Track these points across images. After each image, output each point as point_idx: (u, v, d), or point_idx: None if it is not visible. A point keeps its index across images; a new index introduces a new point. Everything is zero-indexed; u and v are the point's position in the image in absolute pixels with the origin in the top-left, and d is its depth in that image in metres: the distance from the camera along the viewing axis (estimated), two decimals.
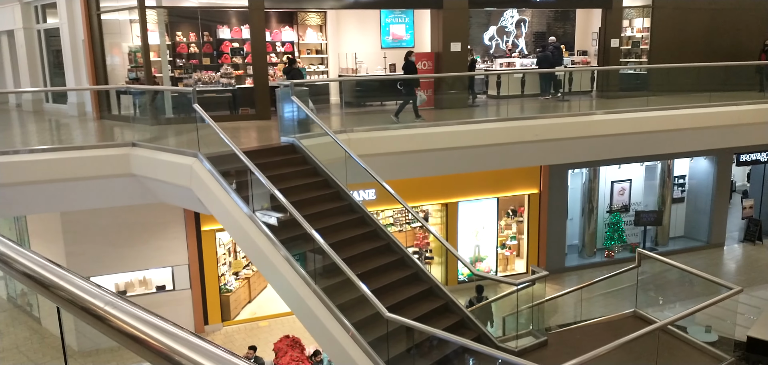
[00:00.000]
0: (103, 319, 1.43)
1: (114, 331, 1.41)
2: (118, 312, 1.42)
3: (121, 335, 1.40)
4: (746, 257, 18.26)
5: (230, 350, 1.33)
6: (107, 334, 1.43)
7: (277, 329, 13.44)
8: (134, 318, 1.39)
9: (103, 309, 1.44)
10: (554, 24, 18.53)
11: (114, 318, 1.41)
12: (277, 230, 7.52)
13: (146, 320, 1.38)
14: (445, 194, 15.52)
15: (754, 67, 15.45)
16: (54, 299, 1.56)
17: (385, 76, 15.95)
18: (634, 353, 6.98)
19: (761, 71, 15.42)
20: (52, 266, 1.59)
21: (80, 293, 1.50)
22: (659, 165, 18.13)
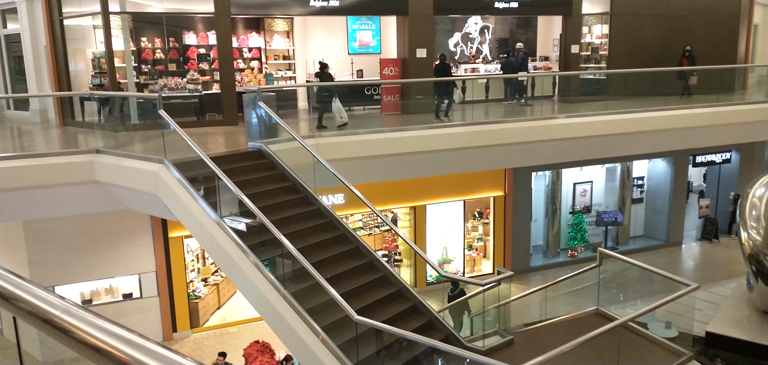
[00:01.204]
0: (65, 331, 1.35)
1: (76, 343, 1.34)
2: (80, 323, 1.34)
3: (83, 347, 1.33)
4: (703, 254, 18.91)
5: (198, 359, 1.33)
6: (69, 346, 1.37)
7: (247, 334, 13.39)
8: (97, 328, 1.33)
9: (65, 320, 1.36)
10: (517, 31, 18.91)
11: (76, 330, 1.34)
12: (246, 236, 7.54)
13: (109, 330, 1.32)
14: (413, 198, 15.70)
15: (693, 72, 15.98)
16: (12, 310, 1.45)
17: (353, 82, 16.07)
18: (597, 350, 7.22)
19: (683, 77, 15.90)
20: (10, 276, 1.48)
21: (40, 303, 1.41)
22: (619, 167, 18.66)
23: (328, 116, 11.62)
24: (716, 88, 16.12)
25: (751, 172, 18.33)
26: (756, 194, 12.63)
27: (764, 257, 12.32)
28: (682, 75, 15.95)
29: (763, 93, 17.31)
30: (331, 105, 11.51)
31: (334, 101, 11.54)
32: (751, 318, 13.06)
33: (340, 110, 11.43)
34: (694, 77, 15.71)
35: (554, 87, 15.99)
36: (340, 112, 11.43)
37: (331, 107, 11.49)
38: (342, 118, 11.42)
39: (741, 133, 15.41)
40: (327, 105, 11.71)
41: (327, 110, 11.66)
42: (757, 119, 14.79)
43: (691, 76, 15.68)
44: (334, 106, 11.50)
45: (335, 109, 11.47)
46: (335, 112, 11.45)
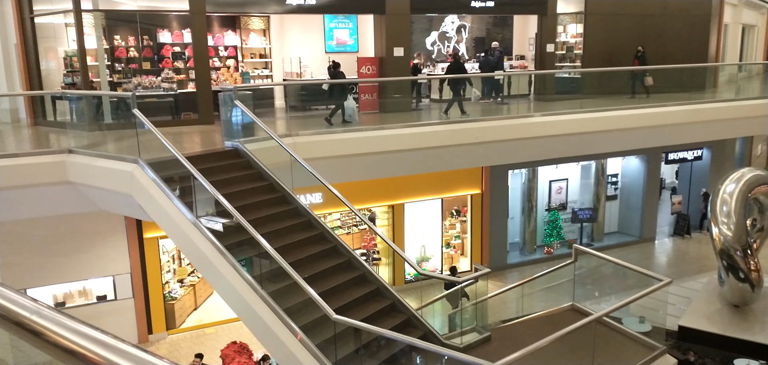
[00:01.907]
0: (37, 333, 1.32)
1: (49, 346, 1.31)
2: (53, 325, 1.31)
3: (56, 349, 1.30)
4: (676, 250, 19.27)
5: (175, 361, 1.31)
6: (42, 349, 1.33)
7: (224, 335, 13.28)
8: (70, 330, 1.30)
9: (36, 322, 1.32)
10: (493, 30, 19.06)
11: (48, 332, 1.31)
12: (222, 236, 7.48)
13: (83, 332, 1.29)
14: (392, 196, 15.72)
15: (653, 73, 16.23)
16: None
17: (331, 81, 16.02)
18: (573, 345, 7.31)
19: (635, 77, 16.05)
20: None
21: (11, 306, 1.37)
22: (594, 165, 18.92)
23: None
24: (688, 87, 16.41)
25: (722, 169, 18.72)
26: (727, 191, 12.92)
27: (735, 253, 12.60)
28: (635, 75, 16.06)
29: (734, 91, 17.73)
30: (345, 103, 12.10)
31: (348, 99, 12.11)
32: (722, 311, 13.35)
33: (352, 108, 12.01)
34: (649, 78, 15.76)
35: (530, 86, 16.13)
36: (352, 110, 12.01)
37: (344, 105, 12.05)
38: (351, 116, 11.96)
39: (712, 131, 15.74)
40: (339, 102, 12.18)
41: (339, 108, 12.08)
42: (727, 117, 15.12)
43: (646, 77, 15.75)
44: (347, 104, 12.04)
45: (348, 106, 12.00)
46: (347, 109, 11.98)
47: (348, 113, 12.03)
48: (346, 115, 12.04)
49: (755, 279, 12.80)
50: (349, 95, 12.32)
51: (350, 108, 12.09)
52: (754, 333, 12.44)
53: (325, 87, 13.86)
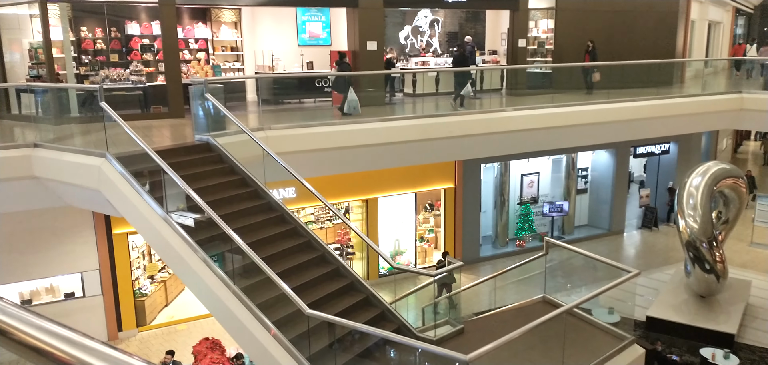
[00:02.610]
0: (2, 332, 1.27)
1: (15, 344, 1.27)
2: (18, 323, 1.27)
3: (22, 348, 1.26)
4: (644, 242, 19.67)
5: (145, 358, 1.27)
6: (7, 348, 1.29)
7: (196, 332, 13.14)
8: (36, 328, 1.26)
9: (1, 320, 1.27)
10: (466, 24, 19.15)
11: (14, 330, 1.26)
12: (193, 231, 7.38)
13: (50, 330, 1.25)
14: (365, 190, 15.71)
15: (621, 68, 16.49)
16: None
17: (304, 74, 15.93)
18: (544, 336, 7.41)
19: (585, 73, 16.17)
20: None
21: None
22: (564, 158, 19.18)
23: None
24: (655, 82, 16.71)
25: (688, 163, 19.15)
26: (693, 184, 13.22)
27: (701, 244, 12.92)
28: (585, 71, 16.17)
29: (700, 87, 18.13)
30: (348, 94, 12.37)
31: (349, 91, 12.33)
32: (688, 302, 13.69)
33: (354, 101, 12.23)
34: (596, 74, 15.83)
35: (502, 80, 16.26)
36: (354, 102, 12.23)
37: (348, 96, 12.32)
38: (353, 108, 12.21)
39: (679, 125, 16.06)
40: (344, 93, 12.44)
41: (344, 98, 12.34)
42: (693, 112, 15.45)
43: (593, 73, 15.82)
44: (350, 96, 12.25)
45: (351, 99, 12.22)
46: (350, 101, 12.21)
47: (351, 106, 12.24)
48: (350, 107, 12.23)
49: (720, 269, 13.15)
50: (350, 88, 12.49)
51: (354, 101, 12.32)
52: (718, 323, 12.79)
53: (330, 78, 14.22)
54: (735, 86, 16.52)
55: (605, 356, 7.40)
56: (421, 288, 9.87)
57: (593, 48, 16.48)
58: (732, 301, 13.67)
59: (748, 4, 30.14)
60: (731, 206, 14.28)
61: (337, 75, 13.39)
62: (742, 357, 11.94)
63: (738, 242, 18.16)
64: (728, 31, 27.33)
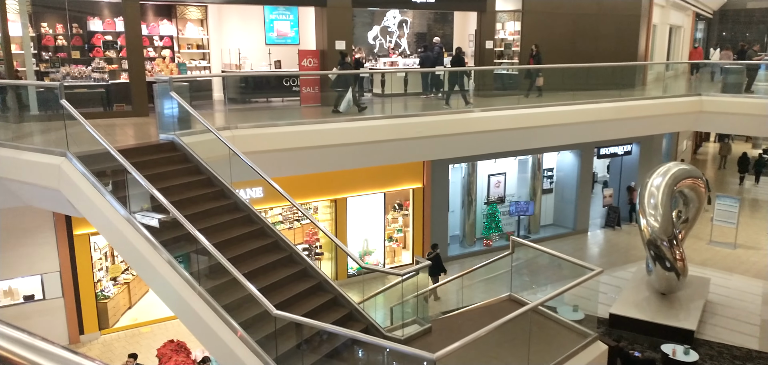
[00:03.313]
0: None
1: None
2: None
3: None
4: (607, 241, 20.07)
5: (108, 362, 1.24)
6: None
7: (160, 334, 12.91)
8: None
9: None
10: (434, 25, 19.26)
11: None
12: (158, 232, 7.25)
13: (7, 335, 1.24)
14: (334, 190, 15.66)
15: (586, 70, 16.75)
16: None
17: (272, 73, 15.80)
18: (510, 334, 7.50)
19: (530, 76, 16.24)
20: None
21: None
22: (530, 159, 19.45)
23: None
24: (619, 85, 17.08)
25: (650, 163, 19.62)
26: (654, 184, 13.54)
27: (662, 243, 13.24)
28: (529, 74, 16.26)
29: (661, 89, 18.58)
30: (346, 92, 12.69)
31: (349, 91, 12.66)
32: (650, 299, 14.02)
33: (349, 101, 12.54)
34: (540, 78, 15.89)
35: (469, 81, 16.39)
36: (348, 102, 12.53)
37: (346, 94, 12.63)
38: (347, 107, 12.49)
39: (641, 127, 16.44)
40: (343, 92, 12.72)
41: (342, 97, 12.58)
42: (655, 114, 15.83)
43: (538, 77, 15.91)
44: (348, 95, 12.56)
45: (348, 98, 12.53)
46: (347, 100, 12.51)
47: (347, 105, 12.49)
48: (347, 105, 12.48)
49: (680, 267, 13.50)
50: (350, 87, 12.81)
51: (348, 100, 12.54)
52: (679, 320, 13.13)
53: (332, 77, 14.24)
54: (695, 89, 16.98)
55: (569, 352, 7.53)
56: (389, 287, 9.89)
57: (537, 52, 16.71)
58: (692, 298, 14.04)
59: (708, 9, 31.05)
60: (691, 206, 14.68)
61: (339, 74, 13.59)
62: (701, 352, 12.29)
63: (697, 241, 18.69)
64: (689, 35, 28.10)
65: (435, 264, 14.59)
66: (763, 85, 16.84)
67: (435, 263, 14.62)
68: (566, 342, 7.83)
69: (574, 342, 7.80)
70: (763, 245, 18.96)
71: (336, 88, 13.12)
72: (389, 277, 10.54)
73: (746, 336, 13.23)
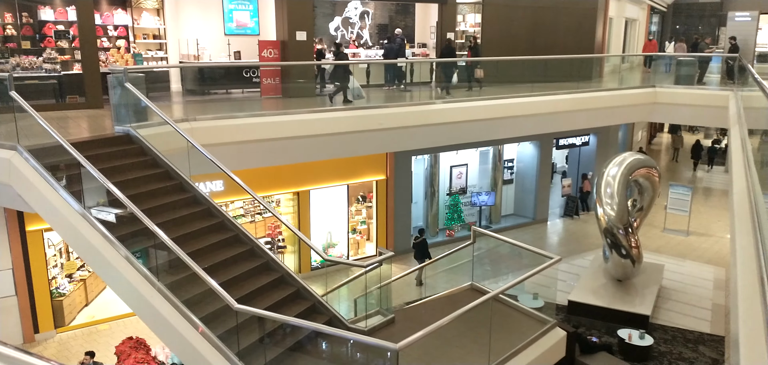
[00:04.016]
0: None
1: None
2: None
3: None
4: (566, 230, 20.50)
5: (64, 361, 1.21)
6: None
7: (118, 331, 12.63)
8: None
9: None
10: (396, 17, 19.25)
11: None
12: (114, 227, 7.08)
13: None
14: (297, 183, 15.55)
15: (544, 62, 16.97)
16: None
17: (231, 64, 15.55)
18: (472, 323, 7.59)
19: (468, 69, 16.20)
20: None
21: None
22: (491, 150, 19.69)
23: None
24: (576, 77, 17.41)
25: (606, 154, 20.07)
26: (610, 174, 13.88)
27: (618, 231, 13.59)
28: (468, 68, 16.17)
29: (617, 81, 19.01)
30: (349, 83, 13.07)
31: (351, 80, 13.05)
32: (607, 286, 14.38)
33: (356, 89, 12.98)
34: (479, 70, 15.88)
35: (431, 73, 16.46)
36: (358, 90, 12.98)
37: (349, 86, 13.00)
38: (357, 95, 12.93)
39: (598, 118, 16.80)
40: (342, 84, 13.10)
41: (345, 87, 12.94)
42: (611, 105, 16.21)
43: (476, 69, 15.89)
44: (352, 84, 12.95)
45: (354, 87, 12.91)
46: (354, 90, 12.88)
47: (355, 94, 12.81)
48: (354, 94, 12.81)
49: (635, 255, 13.89)
50: (352, 77, 13.15)
51: (357, 88, 12.91)
52: (634, 305, 13.51)
53: (328, 68, 14.56)
54: (650, 81, 17.43)
55: (530, 339, 7.67)
56: (353, 279, 9.90)
57: (475, 44, 16.87)
58: (646, 284, 14.47)
59: (662, 3, 31.88)
60: (645, 195, 15.10)
61: (336, 64, 13.94)
62: (656, 336, 12.68)
63: (652, 229, 19.26)
64: (644, 28, 28.81)
65: (421, 250, 14.89)
66: (714, 77, 17.42)
67: (421, 249, 14.92)
68: (526, 329, 7.97)
69: (533, 329, 7.95)
70: (715, 232, 19.66)
71: (333, 82, 13.53)
72: (353, 269, 10.55)
73: (699, 319, 13.71)
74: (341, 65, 13.54)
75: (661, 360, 12.06)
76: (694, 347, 12.54)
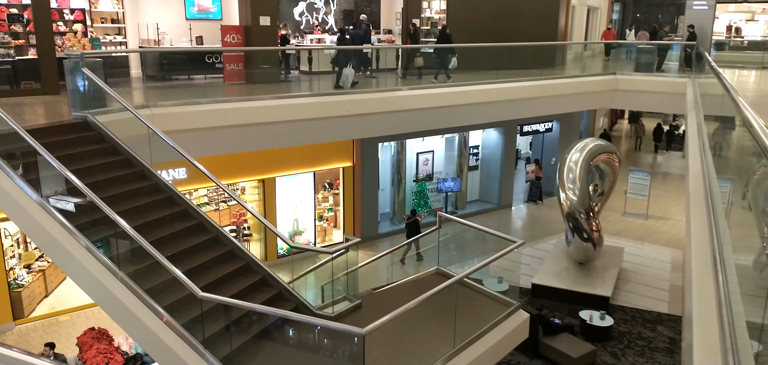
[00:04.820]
0: None
1: None
2: None
3: None
4: (530, 215, 20.84)
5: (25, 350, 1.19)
6: None
7: (80, 322, 12.38)
8: None
9: None
10: (362, 3, 19.15)
11: None
12: (73, 216, 6.90)
13: None
14: (262, 170, 15.41)
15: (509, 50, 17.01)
16: None
17: (193, 49, 15.25)
18: (438, 307, 7.67)
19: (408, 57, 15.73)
20: None
21: None
22: (457, 137, 19.84)
23: None
24: (540, 64, 17.62)
25: (569, 140, 20.44)
26: (572, 160, 14.15)
27: (579, 215, 13.88)
28: (409, 56, 15.77)
29: (579, 69, 19.31)
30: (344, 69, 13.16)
31: (348, 66, 13.18)
32: (569, 269, 14.71)
33: (346, 76, 13.03)
34: (419, 58, 15.55)
35: (397, 60, 16.45)
36: (346, 77, 13.02)
37: (344, 71, 13.12)
38: (343, 83, 13.00)
39: (560, 104, 17.08)
40: (343, 67, 13.23)
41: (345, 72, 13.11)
42: (573, 92, 16.48)
43: (416, 57, 15.59)
44: (346, 70, 13.06)
45: (346, 73, 13.02)
46: (348, 75, 13.01)
47: (342, 80, 12.96)
48: (341, 80, 12.96)
49: (597, 238, 14.23)
50: (350, 63, 13.28)
51: (346, 75, 12.98)
52: (595, 287, 13.86)
53: (332, 54, 14.62)
54: (611, 69, 17.76)
55: (494, 322, 7.80)
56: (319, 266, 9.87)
57: (415, 31, 16.90)
58: (607, 267, 14.85)
59: None
60: (606, 180, 15.45)
61: (339, 49, 14.12)
62: (616, 317, 13.04)
63: (612, 213, 19.73)
64: (605, 16, 29.30)
65: (413, 230, 15.25)
66: (673, 65, 17.85)
67: (413, 229, 15.31)
68: (491, 312, 8.09)
69: (497, 312, 8.08)
70: (673, 215, 20.25)
71: (336, 65, 13.68)
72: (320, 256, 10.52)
73: (657, 300, 14.14)
74: (344, 52, 13.72)
75: (621, 339, 12.41)
76: (653, 327, 12.94)
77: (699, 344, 3.26)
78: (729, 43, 28.53)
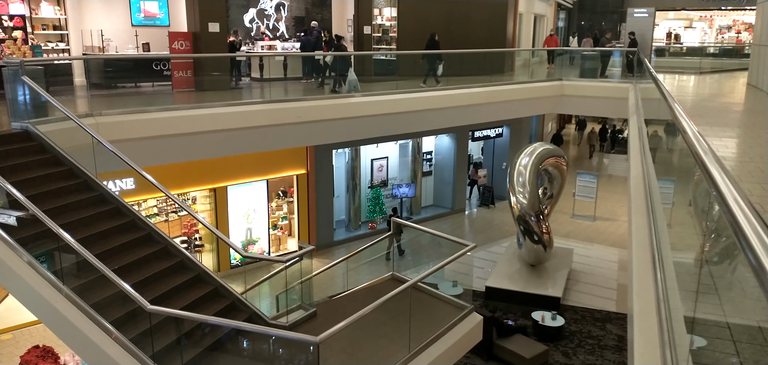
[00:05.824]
0: None
1: None
2: None
3: None
4: (482, 219, 21.16)
5: None
6: None
7: (23, 341, 11.86)
8: None
9: None
10: (313, 9, 19.11)
11: None
12: (14, 231, 6.64)
13: None
14: (213, 179, 15.15)
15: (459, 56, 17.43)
16: None
17: (140, 56, 14.89)
18: (393, 312, 7.70)
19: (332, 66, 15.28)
20: None
21: None
22: (410, 143, 20.00)
23: None
24: (489, 71, 17.95)
25: (519, 144, 20.86)
26: (522, 164, 14.45)
27: (530, 218, 14.18)
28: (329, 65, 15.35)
29: (527, 75, 19.80)
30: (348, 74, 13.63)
31: (350, 72, 13.61)
32: (521, 271, 14.99)
33: (355, 81, 13.54)
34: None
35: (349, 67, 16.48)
36: (355, 83, 13.51)
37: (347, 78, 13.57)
38: (354, 88, 13.48)
39: (510, 110, 17.45)
40: (342, 73, 13.77)
41: (342, 77, 13.61)
42: (522, 97, 16.86)
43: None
44: (350, 77, 13.50)
45: (351, 79, 13.49)
46: (351, 82, 13.41)
47: (352, 86, 13.28)
48: (350, 87, 13.31)
49: (547, 240, 14.56)
50: (350, 69, 13.62)
51: (353, 81, 13.31)
52: (546, 288, 14.18)
53: (328, 59, 14.67)
54: (557, 75, 18.25)
55: (448, 325, 7.88)
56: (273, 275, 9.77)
57: (334, 39, 16.89)
58: (557, 268, 15.21)
59: (568, 0, 33.46)
60: (555, 183, 15.84)
61: (336, 55, 14.42)
62: (567, 316, 13.37)
63: (561, 215, 20.24)
64: (552, 23, 30.10)
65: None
66: (616, 71, 18.48)
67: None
68: (445, 315, 8.17)
69: (452, 315, 8.17)
70: (619, 216, 20.92)
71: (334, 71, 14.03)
72: (274, 265, 10.41)
73: (606, 299, 14.56)
74: (341, 58, 13.95)
75: (572, 339, 12.72)
76: (602, 325, 13.32)
77: (639, 338, 3.39)
78: (669, 49, 29.73)
